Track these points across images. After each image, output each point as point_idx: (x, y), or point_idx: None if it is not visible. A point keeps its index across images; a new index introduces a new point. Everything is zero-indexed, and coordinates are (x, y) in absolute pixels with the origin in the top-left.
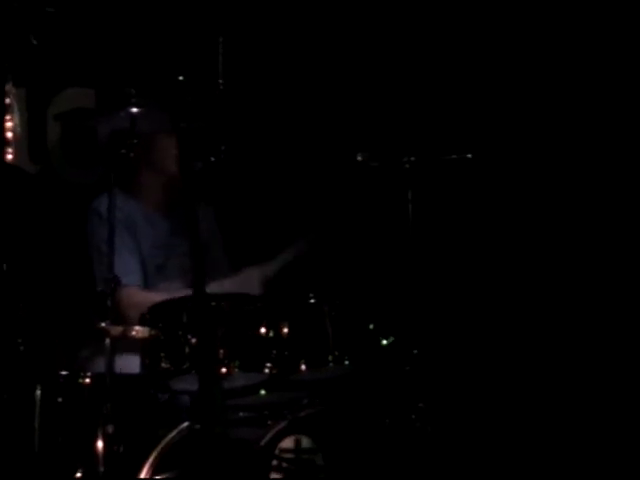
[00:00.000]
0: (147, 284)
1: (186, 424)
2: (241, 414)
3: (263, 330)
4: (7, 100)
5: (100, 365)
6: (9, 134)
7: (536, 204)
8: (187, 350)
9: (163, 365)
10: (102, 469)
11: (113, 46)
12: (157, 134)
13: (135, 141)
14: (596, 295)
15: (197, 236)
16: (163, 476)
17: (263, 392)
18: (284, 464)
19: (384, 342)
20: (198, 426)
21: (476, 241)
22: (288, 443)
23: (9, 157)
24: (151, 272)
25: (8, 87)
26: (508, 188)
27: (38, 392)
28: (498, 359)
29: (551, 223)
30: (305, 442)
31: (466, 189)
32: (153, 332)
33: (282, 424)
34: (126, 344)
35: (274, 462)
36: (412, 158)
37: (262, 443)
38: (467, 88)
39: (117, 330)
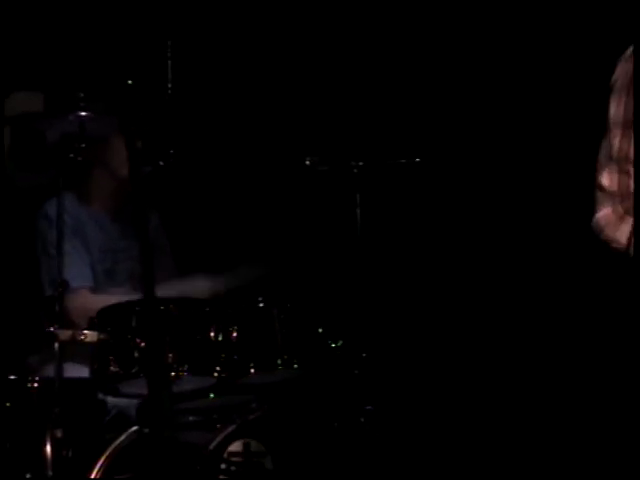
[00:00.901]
0: (96, 288)
1: (135, 428)
2: (190, 418)
3: (212, 334)
4: None
5: (49, 370)
6: None
7: (482, 208)
8: (136, 354)
9: (112, 369)
10: (50, 473)
11: (62, 49)
12: (106, 138)
13: (84, 145)
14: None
15: (147, 240)
16: None
17: (212, 396)
18: (233, 468)
19: (333, 345)
20: (147, 430)
21: (424, 244)
22: (237, 447)
23: None
24: (100, 276)
25: None
26: (456, 191)
27: None
28: (445, 360)
29: (498, 226)
30: (254, 446)
31: (415, 193)
32: (102, 336)
33: (231, 428)
34: (75, 348)
35: (223, 466)
36: (360, 162)
37: (211, 447)
38: (414, 93)
39: (66, 334)
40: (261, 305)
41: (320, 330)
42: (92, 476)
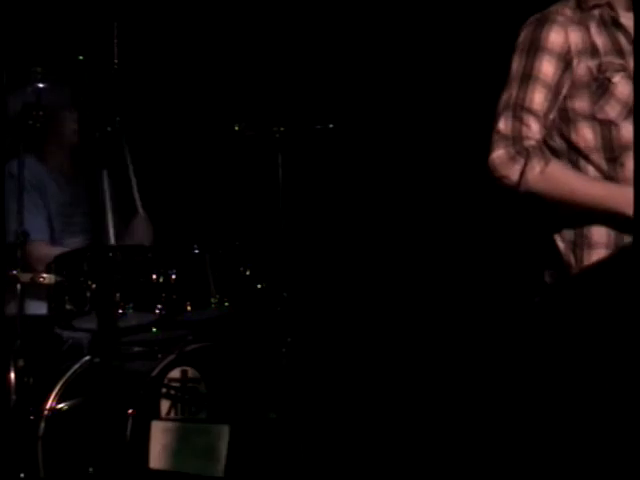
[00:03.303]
0: (54, 239)
1: (87, 358)
2: (135, 349)
3: (154, 276)
4: None
5: (12, 307)
6: None
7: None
8: (88, 294)
9: (67, 307)
10: (14, 397)
11: (20, 29)
12: (60, 107)
13: (41, 113)
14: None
15: (97, 197)
16: (67, 404)
17: (154, 330)
18: (172, 392)
19: (258, 286)
20: (97, 359)
21: (336, 198)
22: (176, 374)
23: None
24: (58, 229)
25: None
26: (366, 154)
27: None
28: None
29: (405, 194)
30: (190, 373)
31: (329, 155)
32: (58, 279)
33: (170, 357)
34: (34, 289)
35: (163, 390)
36: (282, 128)
37: (153, 374)
38: (330, 65)
39: (26, 277)
40: (196, 252)
41: (247, 273)
42: (49, 400)
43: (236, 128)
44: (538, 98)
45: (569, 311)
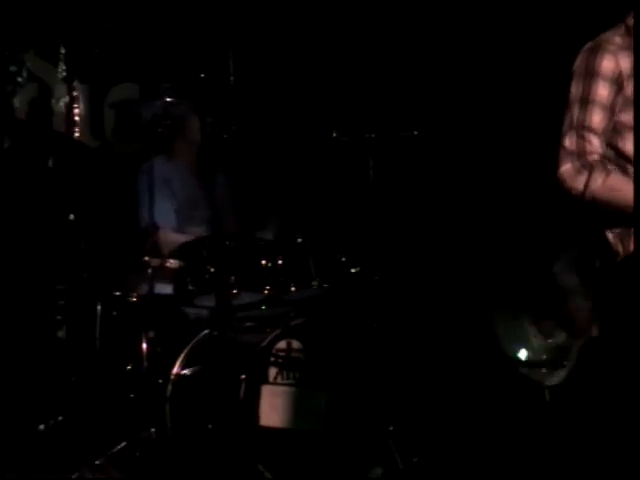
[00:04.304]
0: (180, 227)
1: (206, 331)
2: (247, 324)
3: (263, 262)
4: (75, 93)
5: (144, 288)
6: (76, 118)
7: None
8: (207, 277)
9: (190, 288)
10: (145, 364)
11: (153, 53)
12: (185, 116)
13: (169, 122)
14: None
15: (215, 193)
16: (189, 370)
17: (263, 307)
18: (279, 360)
19: (353, 270)
20: (215, 332)
21: (421, 195)
22: (282, 345)
23: (76, 135)
24: (183, 219)
25: (75, 84)
26: (446, 157)
27: (99, 307)
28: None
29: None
30: (294, 344)
31: (413, 158)
32: (182, 264)
33: (277, 331)
34: (163, 272)
35: (271, 359)
36: (373, 135)
37: (262, 345)
38: (417, 78)
39: (156, 262)
40: (299, 241)
41: (343, 259)
42: (175, 367)
43: (334, 135)
44: (596, 118)
45: (618, 287)
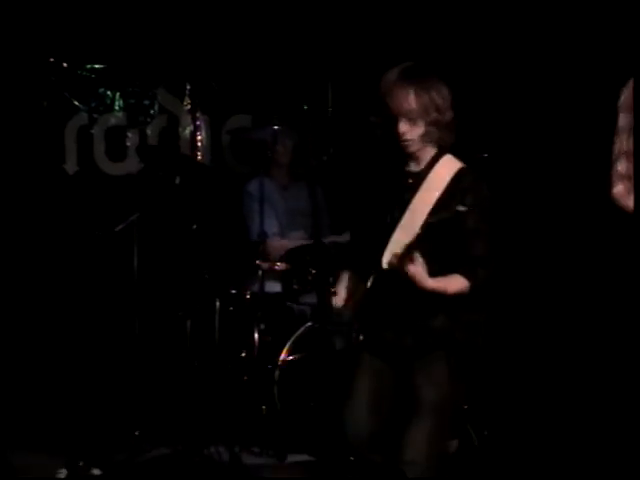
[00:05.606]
0: (283, 233)
1: (309, 324)
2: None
3: None
4: (198, 122)
5: (256, 286)
6: (199, 144)
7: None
8: (310, 278)
9: (295, 287)
10: (257, 352)
11: (263, 88)
12: (285, 142)
13: (277, 147)
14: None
15: (315, 204)
16: (295, 356)
17: None
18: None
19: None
20: (316, 325)
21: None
22: None
23: (199, 157)
24: (284, 225)
25: (198, 115)
26: (513, 177)
27: (217, 303)
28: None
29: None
30: None
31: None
32: (288, 266)
33: None
34: (272, 274)
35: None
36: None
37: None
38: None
39: (266, 265)
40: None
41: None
42: (282, 354)
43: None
44: None
45: None
